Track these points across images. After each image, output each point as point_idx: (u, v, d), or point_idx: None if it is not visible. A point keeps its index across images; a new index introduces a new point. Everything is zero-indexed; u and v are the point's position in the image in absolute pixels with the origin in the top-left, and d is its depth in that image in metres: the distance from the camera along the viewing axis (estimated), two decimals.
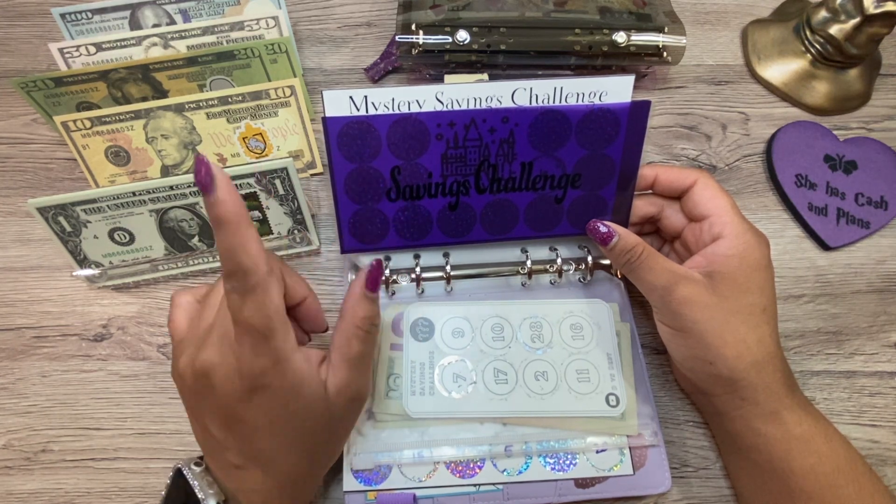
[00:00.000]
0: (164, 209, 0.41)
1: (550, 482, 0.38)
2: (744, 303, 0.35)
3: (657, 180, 0.40)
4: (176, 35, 0.47)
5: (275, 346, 0.29)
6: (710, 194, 0.38)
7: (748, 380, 0.35)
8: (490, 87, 0.37)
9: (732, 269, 0.36)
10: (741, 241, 0.36)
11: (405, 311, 0.42)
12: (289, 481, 0.33)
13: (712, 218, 0.37)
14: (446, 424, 0.39)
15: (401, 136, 0.37)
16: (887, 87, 0.54)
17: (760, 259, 0.36)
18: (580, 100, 0.38)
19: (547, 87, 0.37)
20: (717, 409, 0.38)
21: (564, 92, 0.37)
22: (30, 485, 0.40)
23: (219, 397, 0.30)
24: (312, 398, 0.31)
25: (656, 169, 0.40)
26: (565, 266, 0.42)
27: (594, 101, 0.38)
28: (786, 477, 0.34)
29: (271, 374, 0.30)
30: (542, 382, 0.40)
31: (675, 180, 0.39)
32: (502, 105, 0.37)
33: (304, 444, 0.32)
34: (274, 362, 0.30)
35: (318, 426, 0.32)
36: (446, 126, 0.37)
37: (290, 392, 0.31)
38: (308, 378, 0.31)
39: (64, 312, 0.45)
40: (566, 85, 0.37)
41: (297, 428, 0.32)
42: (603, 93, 0.37)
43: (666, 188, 0.40)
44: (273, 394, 0.30)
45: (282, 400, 0.30)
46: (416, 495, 0.37)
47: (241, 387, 0.30)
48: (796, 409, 0.35)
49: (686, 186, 0.39)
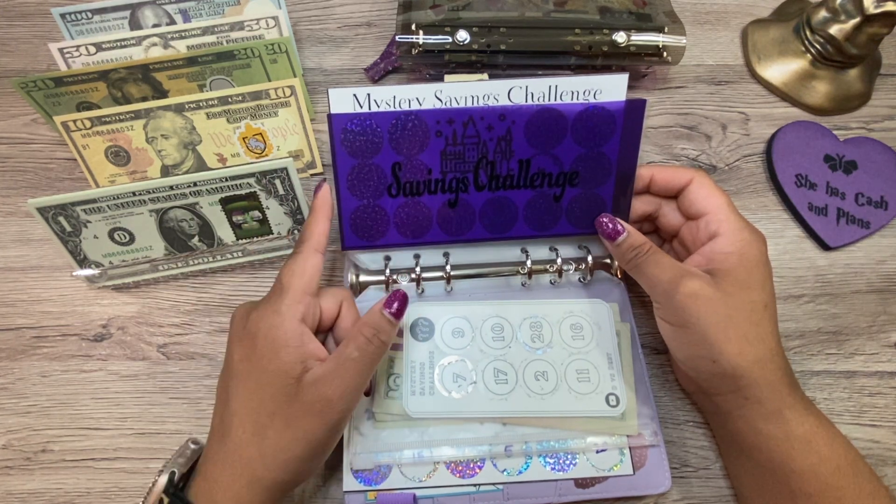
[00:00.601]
0: (164, 209, 0.41)
1: (550, 482, 0.38)
2: (746, 299, 0.35)
3: (653, 180, 0.40)
4: (176, 35, 0.47)
5: (279, 303, 0.33)
6: (706, 192, 0.38)
7: (751, 377, 0.35)
8: (487, 86, 0.38)
9: (732, 266, 0.36)
10: (738, 238, 0.36)
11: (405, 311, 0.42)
12: (233, 446, 0.32)
13: (709, 216, 0.37)
14: (446, 424, 0.39)
15: (401, 132, 0.38)
16: (887, 87, 0.54)
17: (759, 255, 0.36)
18: (575, 98, 0.38)
19: (542, 86, 0.38)
20: (719, 409, 0.38)
21: (559, 90, 0.38)
22: (30, 485, 0.40)
23: (230, 334, 0.35)
24: (285, 368, 0.32)
25: (652, 169, 0.40)
26: (565, 266, 0.42)
27: (589, 100, 0.38)
28: (787, 477, 0.34)
29: (263, 325, 0.33)
30: (542, 382, 0.40)
31: (670, 179, 0.39)
32: (499, 103, 0.38)
33: (259, 410, 0.32)
34: (271, 313, 0.33)
35: (279, 401, 0.32)
36: (445, 123, 0.38)
37: (270, 349, 0.32)
38: (292, 348, 0.32)
39: (64, 312, 0.45)
40: (561, 83, 0.38)
41: (261, 388, 0.32)
42: (597, 91, 0.38)
43: (662, 187, 0.40)
44: (255, 344, 0.33)
45: (259, 352, 0.33)
46: (416, 495, 0.37)
47: (239, 326, 0.34)
48: (798, 408, 0.35)
49: (682, 185, 0.39)
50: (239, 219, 0.43)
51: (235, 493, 0.32)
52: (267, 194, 0.42)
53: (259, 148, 0.48)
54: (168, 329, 0.44)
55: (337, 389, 0.32)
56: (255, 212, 0.42)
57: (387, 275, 0.41)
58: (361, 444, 0.38)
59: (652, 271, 0.37)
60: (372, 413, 0.39)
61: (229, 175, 0.40)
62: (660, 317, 0.38)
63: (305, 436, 0.32)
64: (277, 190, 0.41)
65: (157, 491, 0.32)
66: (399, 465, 0.38)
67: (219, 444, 0.33)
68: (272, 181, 0.41)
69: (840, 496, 0.33)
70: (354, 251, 0.41)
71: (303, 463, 0.33)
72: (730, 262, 0.36)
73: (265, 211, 0.42)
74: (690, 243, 0.39)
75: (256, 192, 0.41)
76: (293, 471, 0.33)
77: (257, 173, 0.40)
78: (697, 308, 0.35)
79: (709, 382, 0.37)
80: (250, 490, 0.32)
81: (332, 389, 0.32)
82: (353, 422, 0.38)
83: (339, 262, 0.46)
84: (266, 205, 0.42)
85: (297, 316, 0.33)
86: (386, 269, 0.41)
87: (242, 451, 0.32)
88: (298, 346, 0.33)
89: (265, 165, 0.40)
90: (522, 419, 0.39)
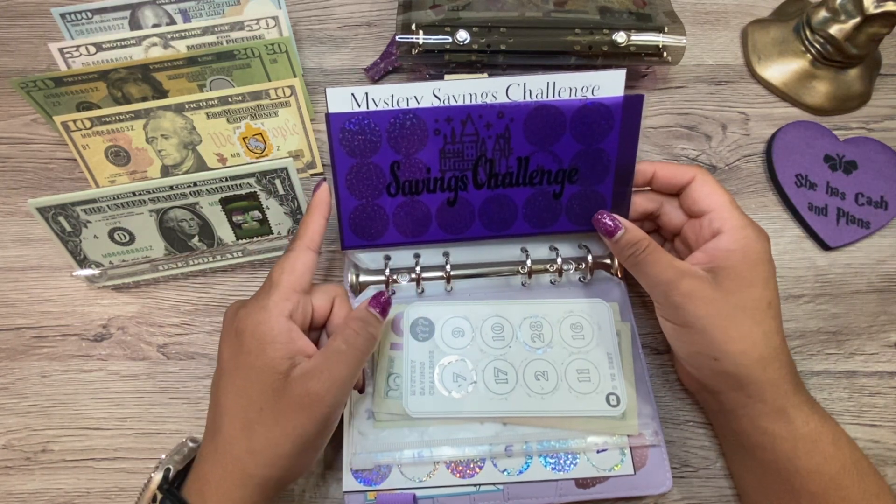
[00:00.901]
0: (164, 209, 0.41)
1: (551, 482, 0.38)
2: (749, 297, 0.35)
3: (655, 176, 0.40)
4: (176, 35, 0.47)
5: (266, 300, 0.34)
6: (709, 190, 0.38)
7: (754, 376, 0.35)
8: (485, 83, 0.38)
9: (735, 264, 0.35)
10: (741, 235, 0.36)
11: (405, 311, 0.42)
12: (223, 443, 0.32)
13: (711, 214, 0.37)
14: (446, 424, 0.39)
15: (400, 131, 0.38)
16: (887, 87, 0.54)
17: (762, 253, 0.36)
18: (573, 94, 0.38)
19: (540, 83, 0.38)
20: (723, 407, 0.38)
21: (557, 87, 0.38)
22: (30, 485, 0.40)
23: (221, 332, 0.35)
24: (272, 364, 0.32)
25: (654, 165, 0.40)
26: (565, 265, 0.42)
27: (587, 96, 0.38)
28: (790, 476, 0.34)
29: (250, 322, 0.33)
30: (543, 382, 0.40)
31: (672, 176, 0.39)
32: (498, 100, 0.38)
33: (248, 407, 0.32)
34: (258, 310, 0.33)
35: (266, 397, 0.32)
36: (444, 121, 0.38)
37: (257, 346, 0.32)
38: (279, 344, 0.32)
39: (64, 312, 0.45)
40: (559, 80, 0.38)
41: (249, 385, 0.32)
42: (595, 87, 0.38)
43: (664, 184, 0.40)
44: (242, 340, 0.33)
45: (246, 348, 0.33)
46: (416, 495, 0.37)
47: (229, 324, 0.35)
48: (803, 406, 0.35)
49: (684, 182, 0.39)
50: (239, 219, 0.43)
51: (226, 491, 0.32)
52: (267, 194, 0.42)
53: (259, 148, 0.48)
54: (168, 329, 0.44)
55: (324, 383, 0.32)
56: (255, 212, 0.42)
57: (386, 274, 0.41)
58: (361, 444, 0.38)
59: (651, 270, 0.36)
60: (372, 413, 0.39)
61: (229, 175, 0.40)
62: (661, 315, 0.38)
63: (294, 431, 0.32)
64: (277, 190, 0.41)
65: (151, 488, 0.32)
66: (399, 465, 0.38)
67: (210, 442, 0.33)
68: (272, 181, 0.41)
69: (845, 496, 0.33)
70: (354, 251, 0.41)
71: (293, 459, 0.33)
72: (732, 259, 0.36)
73: (265, 211, 0.42)
74: (693, 242, 0.39)
75: (256, 192, 0.41)
76: (283, 467, 0.33)
77: (257, 173, 0.40)
78: (697, 308, 0.35)
79: (711, 380, 0.37)
80: (242, 488, 0.32)
81: (319, 384, 0.32)
82: (353, 421, 0.38)
83: (339, 262, 0.46)
84: (266, 205, 0.42)
85: (284, 312, 0.33)
86: (386, 269, 0.41)
87: (232, 449, 0.32)
88: (286, 343, 0.33)
89: (265, 165, 0.40)
90: (523, 419, 0.39)
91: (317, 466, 0.40)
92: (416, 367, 0.40)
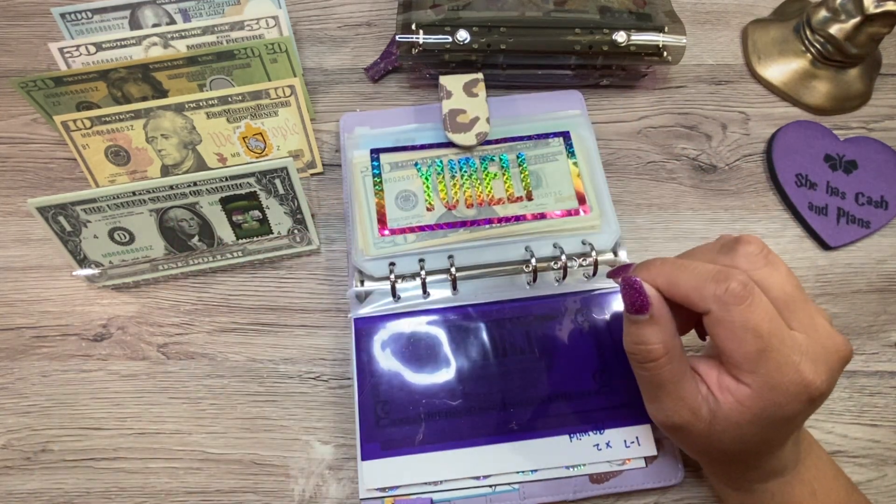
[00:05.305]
0: (164, 209, 0.41)
1: (566, 479, 0.38)
2: (773, 441, 0.31)
3: (660, 288, 0.31)
4: (176, 35, 0.47)
5: None
6: (726, 334, 0.29)
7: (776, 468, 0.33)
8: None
9: (756, 428, 0.30)
10: (768, 398, 0.29)
11: None
12: None
13: (734, 366, 0.29)
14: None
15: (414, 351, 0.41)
16: (887, 87, 0.54)
17: (796, 413, 0.29)
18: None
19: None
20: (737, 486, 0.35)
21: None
22: (30, 485, 0.40)
23: None
24: None
25: (659, 276, 0.31)
26: (570, 263, 0.42)
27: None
28: None
29: None
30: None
31: (683, 299, 0.30)
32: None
33: None
34: None
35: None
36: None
37: None
38: None
39: (64, 312, 0.45)
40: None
41: None
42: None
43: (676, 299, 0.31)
44: None
45: None
46: (432, 499, 0.38)
47: None
48: (808, 464, 0.34)
49: (698, 312, 0.30)
50: (239, 218, 0.43)
51: None
52: (267, 194, 0.42)
53: (259, 147, 0.48)
54: (168, 329, 0.44)
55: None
56: (255, 211, 0.42)
57: (392, 280, 0.41)
58: (370, 475, 0.38)
59: (667, 403, 0.31)
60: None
61: (229, 175, 0.40)
62: None
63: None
64: (277, 189, 0.41)
65: None
66: None
67: None
68: (272, 181, 0.41)
69: None
70: (359, 260, 0.42)
71: None
72: (749, 419, 0.30)
73: (265, 211, 0.42)
74: None
75: (256, 191, 0.41)
76: None
77: (257, 173, 0.40)
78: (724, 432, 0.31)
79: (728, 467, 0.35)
80: None
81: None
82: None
83: (341, 263, 0.46)
84: (266, 204, 0.42)
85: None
86: (391, 275, 0.41)
87: None
88: None
89: (265, 165, 0.40)
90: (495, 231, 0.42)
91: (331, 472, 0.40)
92: None
